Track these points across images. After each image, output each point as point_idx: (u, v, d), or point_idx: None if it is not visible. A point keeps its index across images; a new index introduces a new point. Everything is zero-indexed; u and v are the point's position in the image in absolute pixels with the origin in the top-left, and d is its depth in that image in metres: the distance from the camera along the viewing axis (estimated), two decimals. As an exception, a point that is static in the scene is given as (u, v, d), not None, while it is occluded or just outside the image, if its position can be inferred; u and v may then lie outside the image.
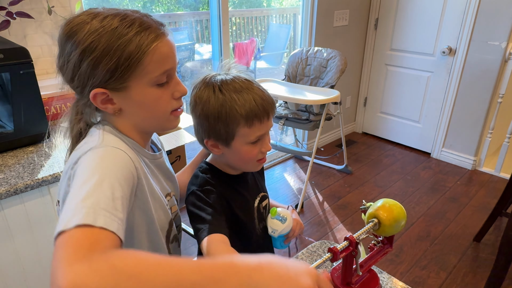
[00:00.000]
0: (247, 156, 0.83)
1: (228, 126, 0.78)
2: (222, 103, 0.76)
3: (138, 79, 0.65)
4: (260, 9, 6.23)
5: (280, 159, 3.17)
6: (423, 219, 2.41)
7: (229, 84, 0.78)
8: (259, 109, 0.77)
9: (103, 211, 0.49)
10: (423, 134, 3.27)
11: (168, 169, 0.85)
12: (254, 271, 0.45)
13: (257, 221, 0.93)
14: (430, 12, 2.93)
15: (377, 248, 0.75)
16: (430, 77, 3.09)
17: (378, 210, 0.71)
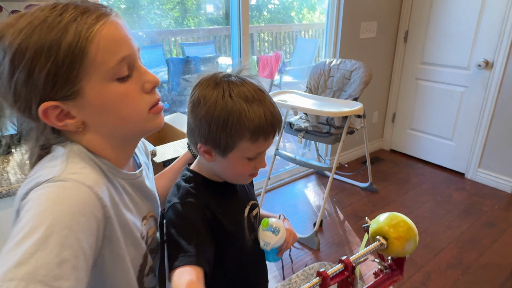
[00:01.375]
0: (240, 171, 0.76)
1: (231, 137, 0.70)
2: (230, 112, 0.68)
3: (89, 76, 0.52)
4: (289, 25, 6.22)
5: (302, 175, 3.05)
6: (455, 244, 2.19)
7: (240, 90, 0.69)
8: (268, 126, 0.70)
9: (39, 285, 0.39)
10: (457, 153, 3.04)
11: (147, 188, 0.72)
12: None
13: (248, 232, 0.84)
14: (464, 23, 2.76)
15: (383, 274, 0.63)
16: (464, 92, 2.89)
17: (384, 226, 0.60)
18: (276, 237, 0.81)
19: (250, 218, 0.86)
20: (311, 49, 4.66)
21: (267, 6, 6.41)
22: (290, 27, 6.11)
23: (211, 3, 5.16)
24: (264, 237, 0.82)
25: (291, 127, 2.40)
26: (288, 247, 0.87)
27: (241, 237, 0.82)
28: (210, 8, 5.44)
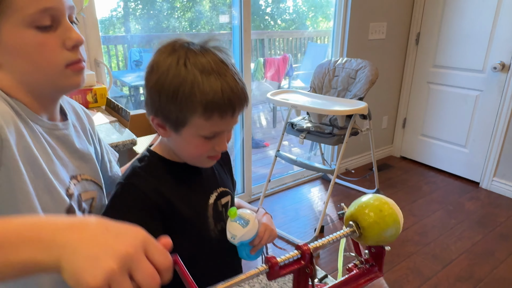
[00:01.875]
0: (196, 151, 0.68)
1: (182, 111, 0.63)
2: (182, 82, 0.61)
3: (7, 17, 0.51)
4: (300, 31, 6.17)
5: (306, 179, 2.93)
6: (466, 256, 2.03)
7: (198, 59, 0.62)
8: (225, 101, 0.62)
9: None
10: (471, 161, 2.88)
11: (76, 147, 0.68)
12: (61, 232, 0.35)
13: (213, 221, 0.75)
14: (479, 24, 2.63)
15: (358, 270, 0.53)
16: (479, 96, 2.74)
17: (359, 209, 0.50)
18: (244, 229, 0.71)
19: (217, 206, 0.77)
20: (321, 53, 4.57)
21: (281, 15, 6.39)
22: (302, 33, 6.05)
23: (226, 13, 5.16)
24: (231, 228, 0.73)
25: (293, 127, 2.30)
26: (263, 243, 0.77)
27: (202, 226, 0.73)
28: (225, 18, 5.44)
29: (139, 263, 0.35)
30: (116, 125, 1.31)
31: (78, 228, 0.36)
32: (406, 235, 2.22)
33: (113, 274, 0.33)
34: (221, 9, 4.73)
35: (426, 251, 2.08)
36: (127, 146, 1.15)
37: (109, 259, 0.33)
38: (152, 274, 0.36)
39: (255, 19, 6.07)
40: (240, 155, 2.55)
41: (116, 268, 0.33)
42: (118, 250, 0.34)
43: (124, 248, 0.35)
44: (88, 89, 1.52)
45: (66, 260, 0.34)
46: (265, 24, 6.12)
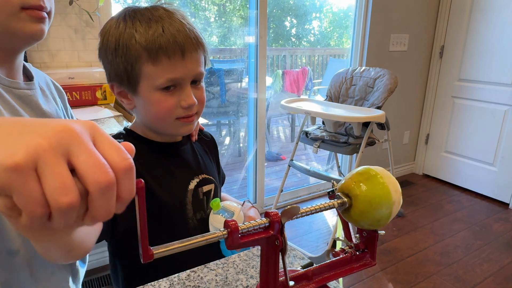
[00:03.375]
0: (159, 108, 0.62)
1: (127, 60, 0.59)
2: (121, 32, 0.59)
3: None
4: (323, 48, 6.16)
5: (321, 193, 2.83)
6: (493, 280, 1.86)
7: (139, 12, 0.60)
8: (168, 41, 0.58)
9: None
10: (499, 180, 2.69)
11: (43, 109, 0.62)
12: None
13: (192, 209, 0.69)
14: (507, 36, 2.51)
15: (346, 255, 0.45)
16: (508, 111, 2.59)
17: (352, 179, 0.43)
18: None
19: (198, 193, 0.71)
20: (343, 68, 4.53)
21: (306, 36, 6.41)
22: (324, 50, 6.04)
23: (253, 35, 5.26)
24: (214, 221, 0.67)
25: (307, 136, 2.23)
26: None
27: (180, 212, 0.68)
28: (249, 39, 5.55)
29: (81, 145, 0.25)
30: (120, 118, 1.30)
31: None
32: (426, 254, 2.07)
33: (40, 151, 0.23)
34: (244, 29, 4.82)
35: (447, 272, 1.92)
36: (127, 138, 1.13)
37: (36, 136, 0.24)
38: (101, 163, 0.25)
39: (279, 38, 6.12)
40: (253, 165, 2.49)
41: (46, 144, 0.24)
42: (51, 127, 0.25)
43: (58, 126, 0.25)
44: (98, 86, 1.53)
45: None
46: (290, 44, 6.15)
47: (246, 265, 0.53)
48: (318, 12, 5.96)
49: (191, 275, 0.51)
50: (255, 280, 0.50)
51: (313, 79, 4.20)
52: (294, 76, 3.71)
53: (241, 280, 0.50)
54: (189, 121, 0.65)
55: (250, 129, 2.50)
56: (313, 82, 4.34)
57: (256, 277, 0.50)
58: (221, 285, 0.49)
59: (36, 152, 0.23)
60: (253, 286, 0.48)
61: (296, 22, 6.20)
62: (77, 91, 1.49)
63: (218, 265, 0.53)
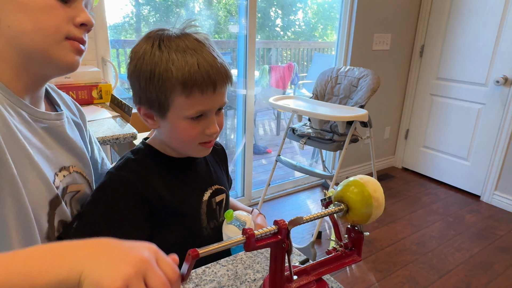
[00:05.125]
0: (185, 135, 0.67)
1: (161, 90, 0.63)
2: (157, 62, 0.62)
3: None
4: (308, 42, 6.24)
5: (306, 186, 2.95)
6: (463, 267, 2.02)
7: (173, 41, 0.63)
8: (202, 76, 0.61)
9: None
10: (472, 174, 2.87)
11: (69, 138, 0.65)
12: (81, 248, 0.39)
13: (206, 219, 0.75)
14: (483, 38, 2.65)
15: (337, 253, 0.55)
16: (481, 109, 2.75)
17: (346, 188, 0.52)
18: (241, 231, 0.73)
19: (212, 203, 0.76)
20: (327, 63, 4.61)
21: (291, 27, 6.46)
22: (309, 44, 6.12)
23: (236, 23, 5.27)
24: (228, 231, 0.74)
25: (294, 132, 2.33)
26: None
27: (194, 222, 0.73)
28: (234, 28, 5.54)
29: (152, 270, 0.38)
30: (118, 119, 1.35)
31: (95, 244, 0.39)
32: (403, 244, 2.22)
33: (130, 278, 0.36)
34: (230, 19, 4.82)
35: (423, 260, 2.07)
36: (128, 140, 1.19)
37: (126, 265, 0.37)
38: (165, 281, 0.38)
39: (266, 30, 6.15)
40: (241, 159, 2.58)
41: (133, 273, 0.36)
42: (134, 257, 0.38)
43: (138, 256, 0.38)
44: (94, 85, 1.57)
45: (88, 271, 0.36)
46: (274, 35, 6.20)
47: (252, 262, 0.62)
48: (302, 2, 6.00)
49: (206, 270, 0.59)
50: (261, 274, 0.58)
51: (298, 73, 4.28)
52: (280, 72, 3.78)
53: (249, 274, 0.59)
54: (210, 146, 0.71)
55: (238, 123, 2.58)
56: (299, 76, 4.42)
57: (261, 272, 0.59)
58: (232, 279, 0.57)
59: (128, 279, 0.36)
60: (260, 279, 0.57)
61: (281, 12, 6.25)
62: (74, 90, 1.52)
63: (228, 262, 0.62)
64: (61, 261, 0.37)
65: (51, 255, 0.38)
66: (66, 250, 0.38)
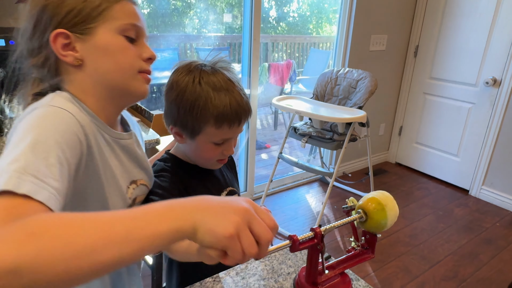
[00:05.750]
0: (208, 155, 0.81)
1: (197, 121, 0.76)
2: (197, 97, 0.74)
3: (105, 22, 0.62)
4: (303, 36, 6.32)
5: (305, 181, 3.09)
6: (451, 258, 2.19)
7: (210, 78, 0.76)
8: (232, 114, 0.76)
9: (31, 177, 0.44)
10: (461, 169, 3.04)
11: (139, 155, 0.76)
12: (188, 205, 0.44)
13: None
14: (474, 40, 2.79)
15: (355, 251, 0.68)
16: (471, 108, 2.90)
17: (367, 202, 0.65)
18: None
19: None
20: (323, 60, 4.73)
21: (286, 18, 6.53)
22: (305, 38, 6.20)
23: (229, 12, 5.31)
24: None
25: (296, 131, 2.45)
26: None
27: None
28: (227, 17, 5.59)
29: (255, 218, 0.44)
30: (140, 123, 1.45)
31: (200, 200, 0.45)
32: (397, 236, 2.38)
33: (239, 225, 0.42)
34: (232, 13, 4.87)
35: (415, 251, 2.23)
36: (152, 145, 1.29)
37: (234, 215, 0.42)
38: (266, 228, 0.44)
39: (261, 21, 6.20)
40: (244, 156, 2.70)
41: (240, 221, 0.42)
42: (238, 208, 0.43)
43: (242, 207, 0.44)
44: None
45: (200, 222, 0.42)
46: (269, 26, 6.26)
47: (284, 258, 0.75)
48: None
49: (248, 266, 0.72)
50: (293, 269, 0.71)
51: (296, 69, 4.39)
52: (279, 69, 3.89)
53: (283, 269, 0.71)
54: (225, 162, 0.86)
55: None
56: (296, 72, 4.53)
57: (293, 266, 0.72)
58: (270, 273, 0.70)
59: (238, 226, 0.42)
60: (292, 273, 0.70)
61: (274, 3, 6.31)
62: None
63: (265, 259, 0.74)
64: (174, 214, 0.42)
65: (163, 209, 0.43)
66: (175, 206, 0.44)
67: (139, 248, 0.40)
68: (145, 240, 0.40)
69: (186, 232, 0.42)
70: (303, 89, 4.76)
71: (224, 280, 0.68)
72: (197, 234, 0.42)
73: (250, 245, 0.43)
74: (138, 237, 0.40)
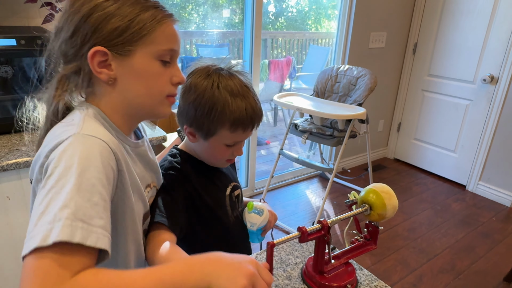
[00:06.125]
0: (219, 155, 0.85)
1: (213, 124, 0.79)
2: (216, 102, 0.78)
3: (145, 47, 0.62)
4: (302, 32, 6.34)
5: (304, 177, 3.13)
6: (449, 251, 2.25)
7: (228, 84, 0.79)
8: (248, 119, 0.80)
9: (81, 223, 0.49)
10: (459, 165, 3.09)
11: (150, 159, 0.79)
12: (206, 264, 0.52)
13: (230, 209, 0.92)
14: (472, 38, 2.83)
15: (358, 243, 0.72)
16: (469, 105, 2.95)
17: (367, 194, 0.69)
18: (261, 217, 0.90)
19: (232, 197, 0.94)
20: (323, 56, 4.76)
21: (284, 14, 6.54)
22: (304, 34, 6.23)
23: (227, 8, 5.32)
24: (250, 218, 0.91)
25: (296, 128, 2.49)
26: (271, 227, 0.96)
27: (223, 212, 0.90)
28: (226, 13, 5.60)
29: (259, 280, 0.53)
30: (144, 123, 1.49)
31: (215, 259, 0.53)
32: (396, 230, 2.43)
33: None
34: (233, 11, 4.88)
35: (413, 245, 2.29)
36: (159, 142, 1.33)
37: (242, 278, 0.51)
38: (266, 286, 0.53)
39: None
40: (246, 152, 2.74)
41: (247, 284, 0.51)
42: (246, 271, 0.52)
43: (249, 270, 0.52)
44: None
45: (215, 282, 0.51)
46: (267, 22, 6.28)
47: (292, 249, 0.79)
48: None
49: (257, 257, 0.76)
50: (300, 259, 0.75)
51: (296, 65, 4.42)
52: (279, 66, 3.92)
53: (291, 259, 0.76)
54: (233, 162, 0.91)
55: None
56: (296, 68, 4.56)
57: (300, 257, 0.76)
58: (279, 263, 0.74)
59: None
60: (300, 263, 0.74)
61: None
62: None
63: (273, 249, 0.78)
64: (194, 274, 0.51)
65: (187, 269, 0.52)
66: (196, 265, 0.52)
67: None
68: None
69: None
70: (302, 86, 4.79)
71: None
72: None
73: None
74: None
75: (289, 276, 0.71)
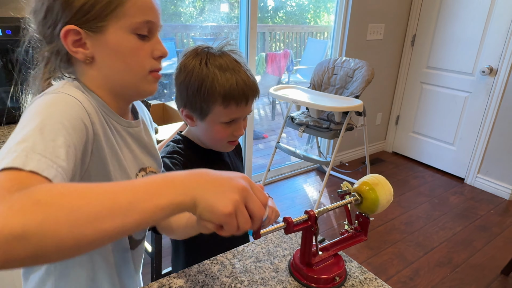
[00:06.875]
0: (218, 135, 0.83)
1: (205, 101, 0.78)
2: (204, 78, 0.76)
3: (117, 21, 0.59)
4: (300, 26, 6.29)
5: (302, 170, 3.11)
6: (446, 244, 2.23)
7: (216, 59, 0.77)
8: (239, 92, 0.77)
9: (38, 156, 0.45)
10: (457, 158, 3.07)
11: (147, 143, 0.76)
12: (188, 179, 0.45)
13: None
14: (471, 30, 2.80)
15: (348, 234, 0.70)
16: (467, 97, 2.92)
17: (361, 185, 0.67)
18: None
19: None
20: (321, 49, 4.72)
21: (283, 8, 6.49)
22: (302, 28, 6.18)
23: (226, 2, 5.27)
24: None
25: (293, 121, 2.47)
26: (271, 223, 0.93)
27: None
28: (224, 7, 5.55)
29: (251, 196, 0.46)
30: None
31: (200, 174, 0.46)
32: (393, 224, 2.41)
33: (237, 203, 0.44)
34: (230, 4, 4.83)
35: (410, 239, 2.27)
36: (150, 133, 1.30)
37: (233, 193, 0.44)
38: (260, 205, 0.47)
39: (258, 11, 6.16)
40: (242, 145, 2.71)
41: (238, 199, 0.44)
42: (237, 186, 0.45)
43: (241, 184, 0.45)
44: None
45: (200, 198, 0.43)
46: (266, 16, 6.23)
47: (280, 241, 0.77)
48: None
49: (245, 249, 0.74)
50: (288, 252, 0.73)
51: (293, 59, 4.39)
52: (276, 59, 3.88)
53: (279, 252, 0.73)
54: (235, 144, 0.88)
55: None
56: (294, 61, 4.53)
57: (288, 249, 0.74)
58: (266, 255, 0.72)
59: (236, 204, 0.44)
60: (288, 255, 0.72)
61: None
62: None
63: (261, 242, 0.76)
64: (175, 188, 0.44)
65: (165, 183, 0.44)
66: (176, 180, 0.44)
67: (141, 219, 0.41)
68: (147, 212, 0.41)
69: (186, 206, 0.44)
70: (300, 79, 4.75)
71: (222, 262, 0.71)
72: (196, 209, 0.44)
73: (245, 222, 0.46)
74: (140, 209, 0.41)
75: (276, 268, 0.69)
